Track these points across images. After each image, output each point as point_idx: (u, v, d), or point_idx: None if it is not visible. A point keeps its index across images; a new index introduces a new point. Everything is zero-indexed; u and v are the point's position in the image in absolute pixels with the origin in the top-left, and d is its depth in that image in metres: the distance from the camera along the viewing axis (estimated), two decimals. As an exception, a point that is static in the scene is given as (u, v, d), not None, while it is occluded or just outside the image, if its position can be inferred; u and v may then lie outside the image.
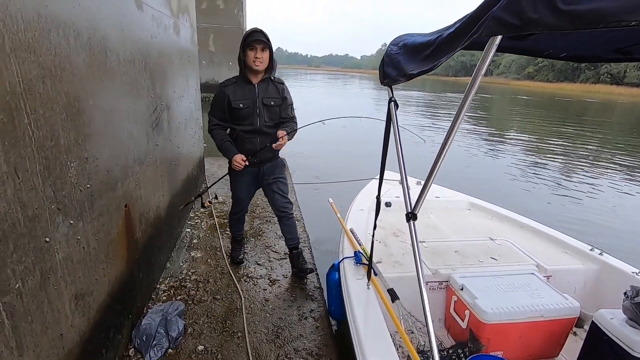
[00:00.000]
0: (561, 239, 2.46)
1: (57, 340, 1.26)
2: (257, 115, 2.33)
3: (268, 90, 2.34)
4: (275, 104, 2.36)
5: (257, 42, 2.16)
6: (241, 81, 2.31)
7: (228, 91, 2.27)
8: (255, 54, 2.19)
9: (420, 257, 1.11)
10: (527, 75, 64.71)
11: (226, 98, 2.27)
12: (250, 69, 2.25)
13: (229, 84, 2.30)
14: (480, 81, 0.91)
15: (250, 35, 2.18)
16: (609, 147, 10.75)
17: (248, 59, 2.20)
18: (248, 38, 2.17)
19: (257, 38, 2.15)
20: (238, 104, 2.27)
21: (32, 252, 1.11)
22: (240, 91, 2.28)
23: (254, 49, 2.18)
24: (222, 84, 2.32)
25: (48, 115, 1.18)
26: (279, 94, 2.37)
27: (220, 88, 2.31)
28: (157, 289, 2.44)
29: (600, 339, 1.69)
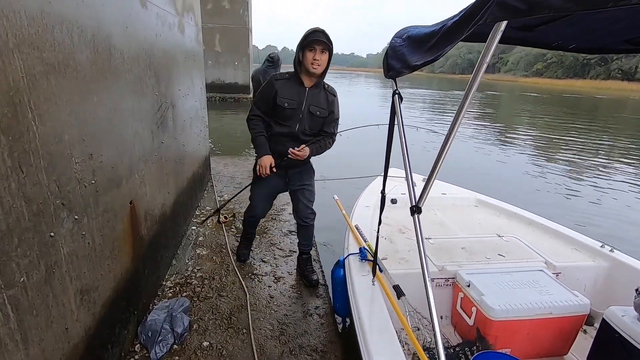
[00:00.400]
0: (570, 235, 2.42)
1: (62, 335, 1.27)
2: (299, 120, 2.19)
3: (318, 97, 2.20)
4: (320, 114, 2.21)
5: (318, 43, 2.01)
6: (294, 80, 2.18)
7: (277, 85, 2.15)
8: (314, 56, 2.04)
9: (425, 252, 1.10)
10: (535, 72, 63.94)
11: (274, 92, 2.14)
12: (307, 71, 2.11)
13: (281, 79, 2.18)
14: (484, 72, 0.89)
15: (311, 34, 2.03)
16: (621, 145, 10.55)
17: (306, 60, 2.06)
18: (308, 37, 2.03)
19: (317, 38, 2.01)
20: (283, 103, 2.13)
21: (36, 246, 1.11)
22: (289, 89, 2.15)
23: (313, 50, 2.03)
24: (274, 77, 2.20)
25: (52, 111, 1.19)
26: (328, 105, 2.23)
27: (271, 80, 2.19)
28: (162, 285, 2.46)
29: (611, 337, 1.65)
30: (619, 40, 1.40)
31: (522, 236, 2.43)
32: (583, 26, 1.26)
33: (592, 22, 1.22)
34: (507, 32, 1.38)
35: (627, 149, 9.82)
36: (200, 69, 3.94)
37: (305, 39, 2.03)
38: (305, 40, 2.04)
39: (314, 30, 2.04)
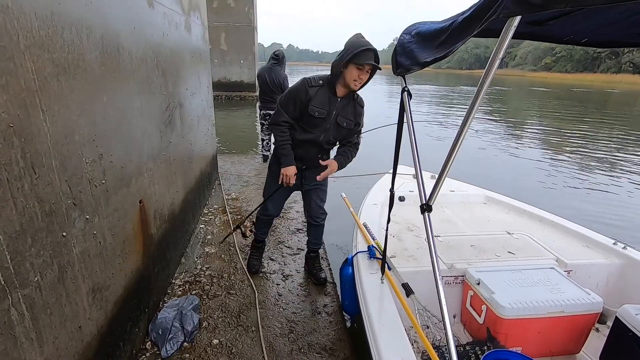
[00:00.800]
0: (582, 232, 2.38)
1: (76, 333, 1.29)
2: (325, 129, 2.13)
3: (347, 108, 2.13)
4: (347, 125, 2.16)
5: (368, 64, 1.91)
6: (326, 87, 2.08)
7: (311, 92, 2.05)
8: (359, 74, 1.95)
9: (435, 250, 1.09)
10: (544, 67, 63.01)
11: (307, 99, 2.05)
12: (345, 84, 2.02)
13: (315, 85, 2.07)
14: (496, 68, 0.88)
15: (363, 53, 1.88)
16: (633, 139, 10.37)
17: (349, 74, 1.95)
18: (360, 54, 1.88)
19: (369, 61, 1.89)
20: (314, 111, 2.06)
21: (49, 246, 1.13)
22: (322, 98, 2.07)
23: (360, 69, 1.93)
24: (308, 82, 2.08)
25: (63, 112, 1.20)
26: (355, 117, 2.16)
27: (304, 85, 2.07)
28: (172, 283, 2.48)
29: (625, 335, 1.63)
30: (633, 34, 1.37)
31: (532, 233, 2.40)
32: (598, 19, 1.23)
33: (606, 16, 1.19)
34: (519, 27, 1.36)
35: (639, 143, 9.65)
36: (206, 67, 3.95)
37: (356, 55, 1.89)
38: (355, 56, 1.89)
39: (368, 49, 1.89)
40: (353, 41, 1.96)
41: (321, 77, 2.12)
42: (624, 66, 50.64)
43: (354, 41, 1.95)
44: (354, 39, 1.98)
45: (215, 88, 8.62)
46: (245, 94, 15.70)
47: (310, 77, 2.12)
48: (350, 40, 1.98)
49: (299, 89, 2.09)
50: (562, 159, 7.83)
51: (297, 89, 2.10)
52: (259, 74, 4.81)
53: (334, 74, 2.04)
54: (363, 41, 1.94)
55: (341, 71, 1.99)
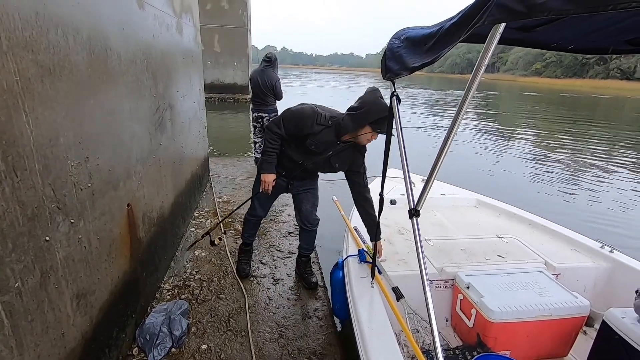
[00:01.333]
0: (570, 236, 2.41)
1: (59, 340, 1.26)
2: (315, 161, 2.13)
3: (345, 152, 2.10)
4: (338, 167, 2.14)
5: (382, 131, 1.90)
6: (333, 129, 2.03)
7: (316, 129, 2.02)
8: (373, 136, 1.98)
9: (423, 254, 1.09)
10: (534, 72, 64.00)
11: (310, 132, 2.03)
12: (355, 138, 2.01)
13: (322, 124, 2.02)
14: (483, 73, 0.88)
15: (384, 120, 1.82)
16: (620, 144, 10.56)
17: (363, 134, 1.96)
18: (381, 121, 1.88)
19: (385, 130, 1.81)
20: (311, 145, 2.06)
21: (31, 251, 1.10)
22: (324, 137, 2.04)
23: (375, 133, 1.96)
24: (317, 119, 2.02)
25: (47, 114, 1.18)
26: (352, 160, 2.13)
27: (313, 120, 2.01)
28: (161, 288, 2.44)
29: (611, 338, 1.65)
30: (619, 41, 1.39)
31: (521, 237, 2.42)
32: (583, 27, 1.25)
33: (592, 23, 1.21)
34: (506, 33, 1.37)
35: (627, 148, 9.83)
36: (198, 69, 3.93)
37: (377, 121, 1.90)
38: (376, 122, 1.91)
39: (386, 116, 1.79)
40: (375, 102, 1.91)
41: (332, 116, 2.05)
42: (611, 72, 51.69)
43: (376, 103, 1.91)
44: (375, 99, 1.93)
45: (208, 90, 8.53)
46: (239, 96, 15.65)
47: (322, 113, 2.04)
48: (371, 100, 1.93)
49: (306, 120, 2.03)
50: (553, 163, 7.93)
51: (305, 118, 2.04)
52: (251, 76, 4.79)
53: (346, 128, 1.99)
54: (383, 105, 1.90)
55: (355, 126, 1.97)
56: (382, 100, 1.94)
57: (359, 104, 1.97)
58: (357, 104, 1.99)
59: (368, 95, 1.96)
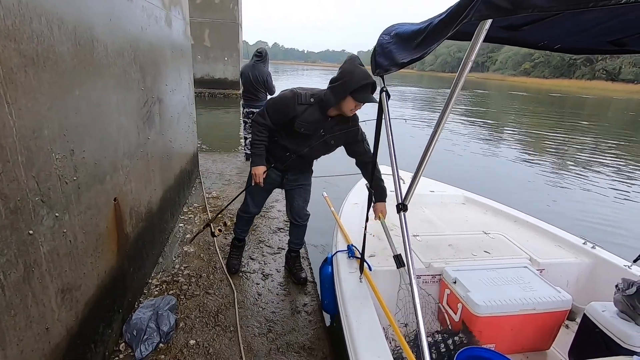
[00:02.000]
0: (555, 232, 2.46)
1: (43, 335, 1.24)
2: (310, 145, 2.10)
3: (336, 127, 2.07)
4: (335, 143, 2.12)
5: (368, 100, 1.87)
6: (317, 107, 2.00)
7: (299, 110, 1.99)
8: (356, 106, 1.94)
9: (410, 248, 1.10)
10: (523, 72, 64.86)
11: (293, 115, 2.00)
12: (339, 110, 1.98)
13: (304, 104, 1.98)
14: (469, 70, 0.90)
15: (364, 88, 1.84)
16: (604, 145, 10.80)
17: (345, 105, 1.92)
18: (360, 91, 1.85)
19: (369, 101, 1.86)
20: (300, 128, 2.01)
21: (14, 244, 1.08)
22: (310, 117, 2.00)
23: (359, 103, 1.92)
24: (297, 99, 1.99)
25: (30, 105, 1.15)
26: (347, 135, 2.11)
27: (293, 101, 1.99)
28: (149, 283, 2.42)
29: (592, 332, 1.70)
30: (603, 41, 1.43)
31: (507, 233, 2.47)
32: (568, 27, 1.27)
33: (577, 23, 1.23)
34: (494, 32, 1.40)
35: (609, 148, 10.06)
36: (188, 63, 3.88)
37: (356, 90, 1.86)
38: (356, 91, 1.86)
39: (369, 83, 1.85)
40: (352, 71, 1.86)
41: (313, 94, 2.02)
42: (597, 73, 52.72)
43: (354, 71, 1.86)
44: (353, 67, 1.88)
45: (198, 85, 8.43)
46: (229, 91, 15.51)
47: (302, 93, 2.01)
48: (349, 69, 1.88)
49: (287, 103, 2.01)
50: (540, 160, 8.08)
51: (285, 102, 2.01)
52: (242, 71, 4.76)
53: (328, 101, 1.95)
54: (363, 72, 1.86)
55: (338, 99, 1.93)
56: (362, 67, 1.88)
57: (339, 74, 1.93)
58: (337, 74, 1.94)
59: (347, 65, 1.91)
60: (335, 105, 1.96)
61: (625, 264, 2.05)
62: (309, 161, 2.30)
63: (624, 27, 1.22)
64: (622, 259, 2.12)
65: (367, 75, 1.85)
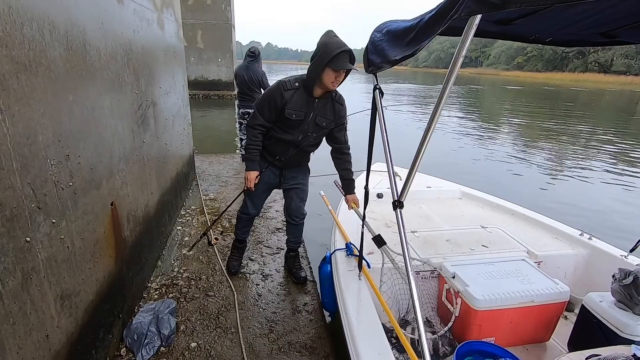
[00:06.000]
0: (551, 225, 2.48)
1: (43, 342, 1.23)
2: (303, 130, 2.13)
3: (326, 108, 2.12)
4: (326, 125, 2.15)
5: (345, 67, 1.90)
6: (303, 89, 2.05)
7: (287, 96, 2.03)
8: (337, 76, 1.94)
9: (408, 245, 1.11)
10: (516, 66, 65.08)
11: (283, 102, 2.04)
12: (322, 85, 2.00)
13: (290, 89, 2.03)
14: (460, 64, 0.90)
15: (341, 56, 1.87)
16: (597, 137, 10.87)
17: (326, 78, 1.94)
18: (336, 59, 1.87)
19: (346, 67, 1.89)
20: (291, 114, 2.05)
21: (11, 252, 1.08)
22: (299, 101, 2.04)
23: (338, 72, 1.93)
24: (283, 86, 2.04)
25: (24, 112, 1.14)
26: (334, 115, 2.15)
27: (280, 89, 2.04)
28: (148, 287, 2.42)
29: (590, 322, 1.71)
30: (594, 33, 1.44)
31: (505, 227, 2.48)
32: (559, 20, 1.28)
33: (568, 16, 1.24)
34: (486, 26, 1.40)
35: (604, 140, 10.12)
36: (181, 65, 3.86)
37: (332, 60, 1.87)
38: (331, 61, 1.88)
39: (344, 50, 1.87)
40: (327, 42, 1.91)
41: (297, 78, 2.07)
42: (590, 65, 52.98)
43: (328, 42, 1.90)
44: (327, 39, 1.93)
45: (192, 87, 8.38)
46: (224, 92, 15.47)
47: (286, 80, 2.07)
48: (324, 41, 1.93)
49: (274, 93, 2.05)
50: (536, 153, 8.12)
51: (273, 93, 2.06)
52: (236, 73, 4.74)
53: (311, 79, 1.99)
54: (337, 42, 1.90)
55: (317, 74, 1.96)
56: (335, 37, 1.93)
57: (315, 49, 1.97)
58: (314, 51, 1.98)
59: (322, 39, 1.96)
60: (317, 81, 1.98)
61: (621, 254, 2.07)
62: (306, 155, 2.34)
63: (614, 18, 1.23)
64: (618, 249, 2.14)
65: (342, 44, 1.89)
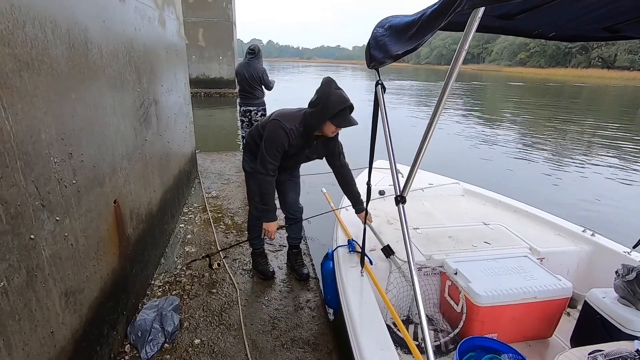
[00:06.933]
0: (554, 221, 2.47)
1: (48, 338, 1.24)
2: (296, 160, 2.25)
3: (319, 144, 2.18)
4: (315, 157, 2.25)
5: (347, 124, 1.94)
6: (304, 133, 2.07)
7: (293, 141, 2.06)
8: (337, 129, 2.02)
9: (410, 240, 1.11)
10: (519, 62, 64.70)
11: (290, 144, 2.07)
12: (322, 132, 2.05)
13: (296, 136, 2.05)
14: (463, 59, 0.90)
15: (343, 114, 1.91)
16: (601, 132, 10.81)
17: (326, 128, 2.00)
18: (339, 116, 1.91)
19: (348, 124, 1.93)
20: (291, 152, 2.13)
21: (16, 249, 1.09)
22: (300, 142, 2.09)
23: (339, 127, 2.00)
24: (290, 135, 2.03)
25: (27, 110, 1.15)
26: (326, 149, 2.21)
27: (287, 138, 2.03)
28: (151, 284, 2.43)
29: (593, 318, 1.71)
30: (598, 28, 1.43)
31: (507, 223, 2.48)
32: (562, 14, 1.27)
33: (571, 10, 1.23)
34: (489, 21, 1.40)
35: (607, 136, 10.07)
36: (183, 63, 3.87)
37: (335, 116, 1.91)
38: (334, 117, 1.92)
39: (345, 107, 1.90)
40: (330, 97, 1.90)
41: (299, 121, 2.05)
42: (593, 61, 52.59)
43: (331, 97, 1.89)
44: (329, 91, 1.91)
45: (193, 85, 8.38)
46: (225, 90, 15.46)
47: (292, 129, 2.04)
48: (327, 94, 1.91)
49: (283, 141, 2.04)
50: (539, 149, 8.09)
51: (281, 141, 2.04)
52: (237, 71, 4.73)
53: (311, 126, 2.02)
54: (340, 97, 1.90)
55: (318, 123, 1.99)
56: (338, 91, 1.92)
57: (316, 98, 1.96)
58: (314, 97, 1.98)
59: (324, 89, 1.94)
60: (317, 129, 2.03)
61: (624, 250, 2.07)
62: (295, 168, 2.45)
63: (617, 13, 1.22)
64: (621, 245, 2.13)
65: (344, 99, 1.91)
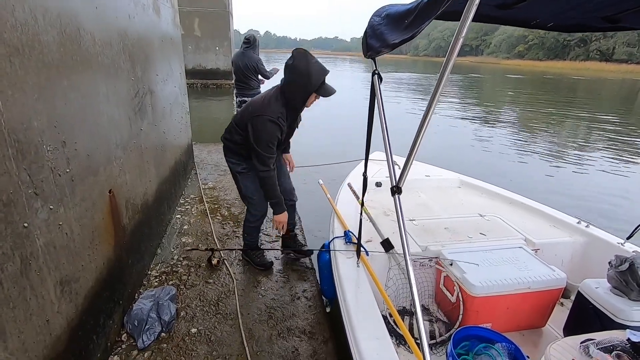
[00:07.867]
0: (549, 213, 2.49)
1: (43, 327, 1.24)
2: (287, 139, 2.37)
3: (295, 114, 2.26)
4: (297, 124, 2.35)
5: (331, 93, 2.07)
6: (289, 109, 2.13)
7: (282, 123, 2.10)
8: (317, 98, 2.13)
9: (405, 230, 1.11)
10: (517, 54, 64.46)
11: (282, 131, 2.14)
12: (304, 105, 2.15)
13: (282, 116, 2.10)
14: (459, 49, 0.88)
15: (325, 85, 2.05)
16: (597, 125, 10.84)
17: (310, 100, 2.12)
18: (323, 88, 2.05)
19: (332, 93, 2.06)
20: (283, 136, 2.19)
21: (9, 237, 1.08)
22: (289, 119, 2.17)
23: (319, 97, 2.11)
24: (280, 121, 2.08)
25: (17, 96, 1.13)
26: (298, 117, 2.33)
27: (278, 122, 2.07)
28: (148, 275, 2.43)
29: (586, 308, 1.73)
30: (596, 18, 1.41)
31: (503, 215, 2.49)
32: (561, 4, 1.26)
33: (569, 0, 1.22)
34: (486, 10, 1.38)
35: (604, 129, 10.10)
36: (178, 53, 3.81)
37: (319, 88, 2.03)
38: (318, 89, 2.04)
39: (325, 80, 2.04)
40: (310, 70, 1.98)
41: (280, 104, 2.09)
42: (591, 54, 52.48)
43: (311, 71, 1.98)
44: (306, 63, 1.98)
45: (190, 76, 8.28)
46: (222, 81, 15.33)
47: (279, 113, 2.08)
48: (305, 67, 1.98)
49: (276, 132, 2.08)
50: (536, 142, 8.11)
51: (275, 134, 2.08)
52: (233, 60, 4.69)
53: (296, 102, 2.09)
54: (319, 69, 2.00)
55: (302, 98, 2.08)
56: (314, 62, 2.00)
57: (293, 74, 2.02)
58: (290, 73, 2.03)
59: (299, 62, 2.00)
60: (302, 104, 2.12)
61: (618, 241, 2.08)
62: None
63: (617, 2, 1.21)
64: (615, 236, 2.15)
65: (323, 69, 2.03)
